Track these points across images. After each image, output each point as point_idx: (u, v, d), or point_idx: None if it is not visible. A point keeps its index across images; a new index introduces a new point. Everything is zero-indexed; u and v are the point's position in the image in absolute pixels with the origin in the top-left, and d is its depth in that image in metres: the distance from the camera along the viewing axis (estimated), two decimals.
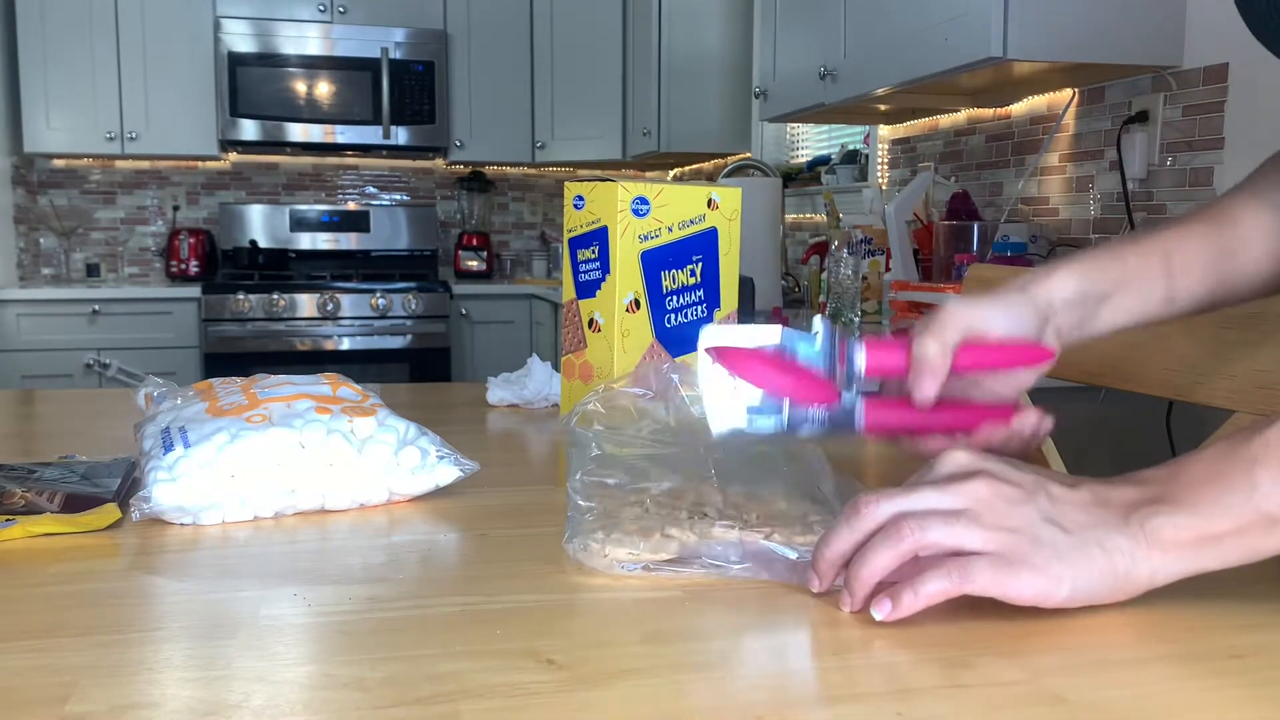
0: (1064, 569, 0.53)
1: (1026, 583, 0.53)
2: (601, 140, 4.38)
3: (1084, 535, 0.54)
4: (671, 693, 0.46)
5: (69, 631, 0.52)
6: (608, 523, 0.63)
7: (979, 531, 0.54)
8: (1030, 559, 0.53)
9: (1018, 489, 0.56)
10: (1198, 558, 0.54)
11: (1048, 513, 0.55)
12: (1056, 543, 0.54)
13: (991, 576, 0.53)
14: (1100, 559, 0.54)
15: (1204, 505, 0.54)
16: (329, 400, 0.79)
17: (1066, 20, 1.88)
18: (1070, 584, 0.53)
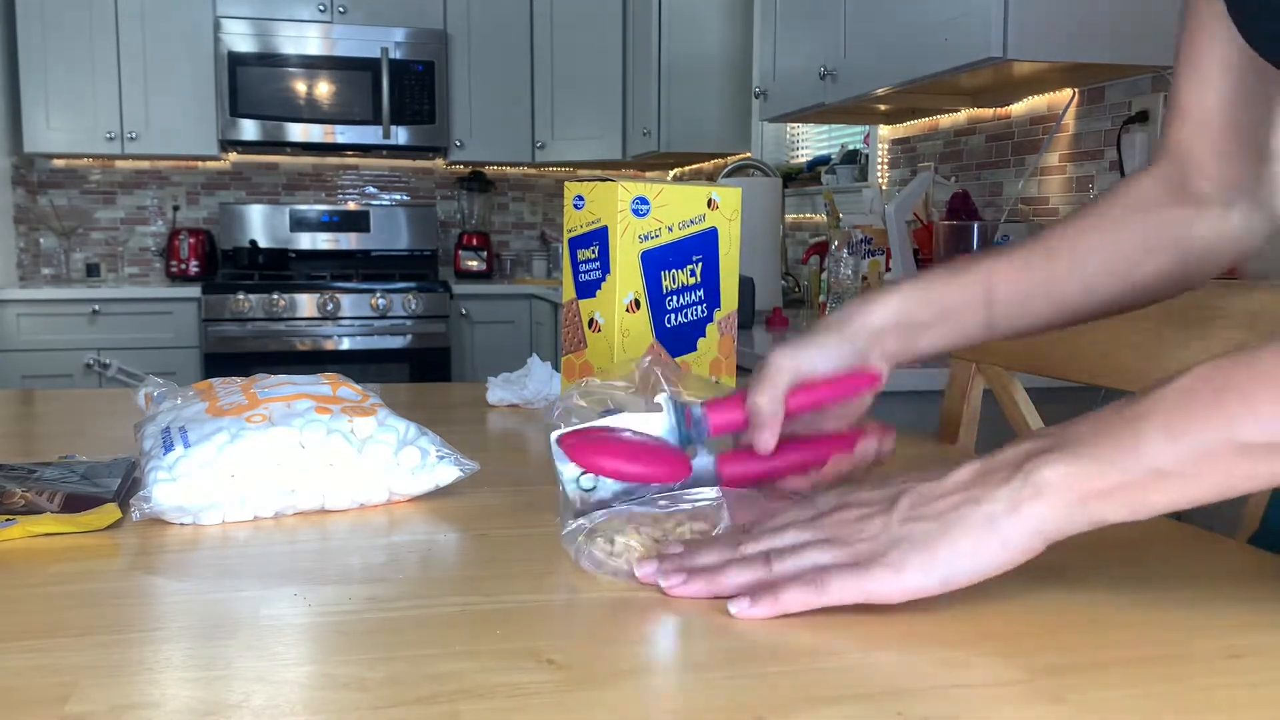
0: (925, 557, 0.53)
1: (884, 580, 0.54)
2: (601, 140, 4.38)
3: (950, 516, 0.54)
4: (671, 693, 0.46)
5: (69, 631, 0.52)
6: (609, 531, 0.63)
7: (832, 550, 0.56)
8: (884, 558, 0.54)
9: (873, 505, 0.58)
10: (1085, 509, 0.52)
11: (906, 513, 0.56)
12: (913, 535, 0.54)
13: (849, 582, 0.54)
14: (974, 532, 0.53)
15: (1091, 457, 0.52)
16: (329, 400, 0.79)
17: (1066, 20, 1.88)
18: (941, 569, 0.53)
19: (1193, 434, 0.51)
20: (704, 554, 0.60)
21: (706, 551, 0.60)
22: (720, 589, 0.57)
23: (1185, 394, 0.51)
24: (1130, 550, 0.69)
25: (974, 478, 0.55)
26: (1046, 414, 1.20)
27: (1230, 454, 0.50)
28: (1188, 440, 0.51)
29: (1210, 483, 0.51)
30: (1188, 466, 0.51)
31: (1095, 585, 0.61)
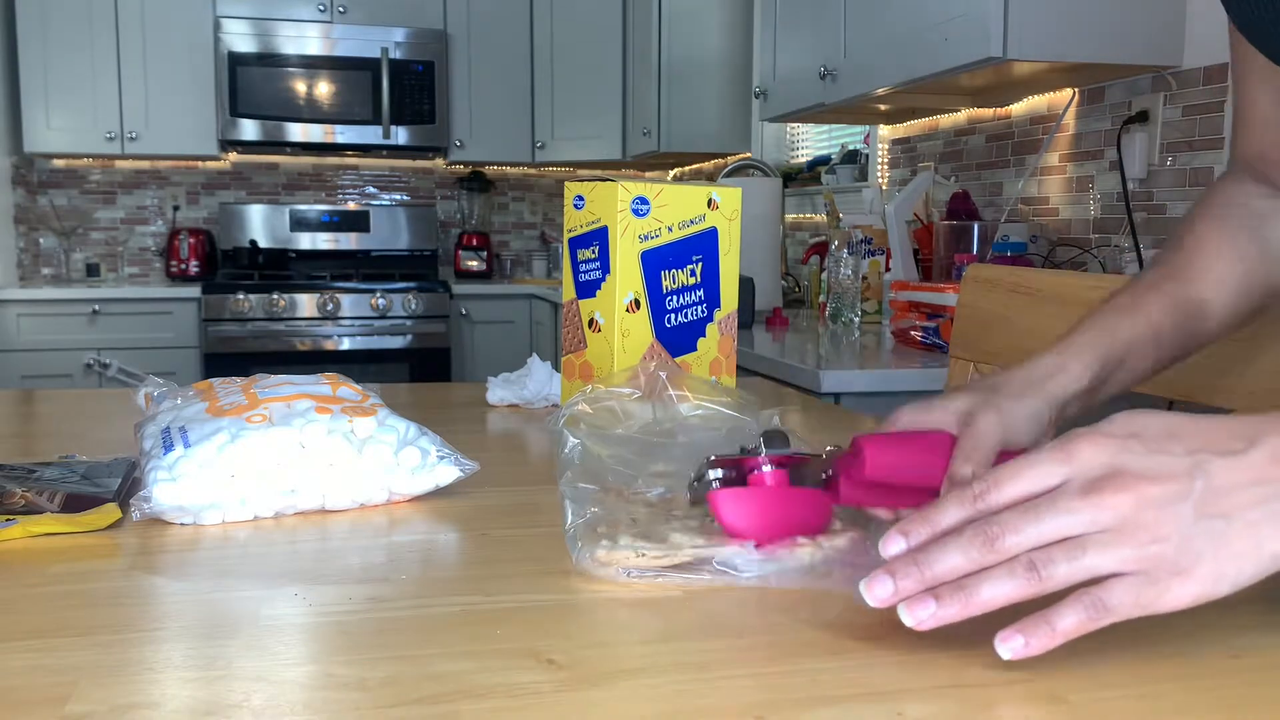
0: (1223, 565, 0.47)
1: (1177, 595, 0.47)
2: (601, 140, 4.38)
3: (1250, 515, 0.47)
4: (671, 693, 0.46)
5: (69, 631, 0.52)
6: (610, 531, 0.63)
7: (1115, 552, 0.47)
8: (1179, 565, 0.47)
9: (1167, 485, 0.48)
10: None
11: (1204, 504, 0.47)
12: (1215, 535, 0.47)
13: (1135, 600, 0.47)
14: (1272, 540, 0.47)
15: None
16: (329, 400, 0.79)
17: (1066, 20, 1.88)
18: (1233, 577, 0.47)
19: None
20: (945, 554, 0.49)
21: (947, 550, 0.49)
22: (977, 608, 0.48)
23: None
24: None
25: (1270, 461, 0.48)
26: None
27: None
28: None
29: None
30: None
31: None
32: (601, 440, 0.75)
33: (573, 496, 0.67)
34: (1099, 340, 0.73)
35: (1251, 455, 0.48)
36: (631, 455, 0.73)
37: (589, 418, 0.74)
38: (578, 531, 0.63)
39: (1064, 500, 0.48)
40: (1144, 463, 0.48)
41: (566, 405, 0.77)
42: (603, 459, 0.72)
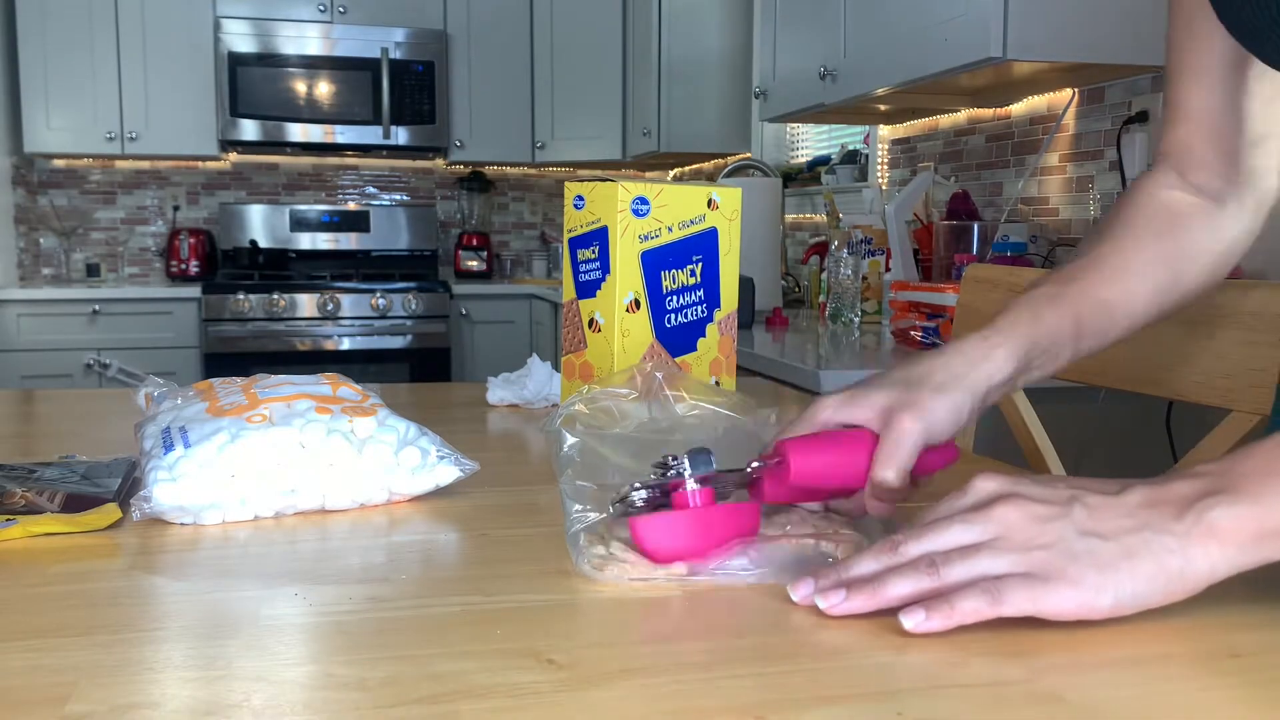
0: (1104, 578, 0.52)
1: (1064, 597, 0.52)
2: (601, 140, 4.38)
3: (1126, 540, 0.53)
4: (671, 693, 0.46)
5: (69, 631, 0.52)
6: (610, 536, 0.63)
7: (1006, 556, 0.53)
8: (1065, 573, 0.52)
9: (1048, 506, 0.54)
10: (1259, 549, 0.52)
11: (1083, 525, 0.53)
12: (1095, 552, 0.52)
13: (1026, 595, 0.52)
14: (1147, 561, 0.52)
15: (1265, 495, 0.52)
16: (329, 400, 0.79)
17: (1066, 20, 1.88)
18: (1113, 592, 0.52)
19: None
20: (860, 563, 0.56)
21: (861, 560, 0.56)
22: (884, 601, 0.54)
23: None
24: None
25: (1145, 504, 0.54)
26: (1044, 413, 1.20)
27: None
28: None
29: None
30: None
31: None
32: (599, 439, 0.75)
33: (573, 494, 0.67)
34: (1025, 329, 0.73)
35: (1125, 496, 0.55)
36: (629, 454, 0.73)
37: (586, 418, 0.74)
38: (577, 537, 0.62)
39: (960, 515, 0.55)
40: (1031, 489, 0.56)
41: (563, 406, 0.77)
42: (603, 455, 0.72)
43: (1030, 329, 0.73)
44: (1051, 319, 0.74)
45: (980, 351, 0.71)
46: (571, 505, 0.66)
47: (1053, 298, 0.76)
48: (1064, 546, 0.53)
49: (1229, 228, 0.81)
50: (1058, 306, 0.75)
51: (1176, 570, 0.52)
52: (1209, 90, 0.78)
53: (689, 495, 0.62)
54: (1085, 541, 0.53)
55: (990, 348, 0.71)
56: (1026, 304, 0.75)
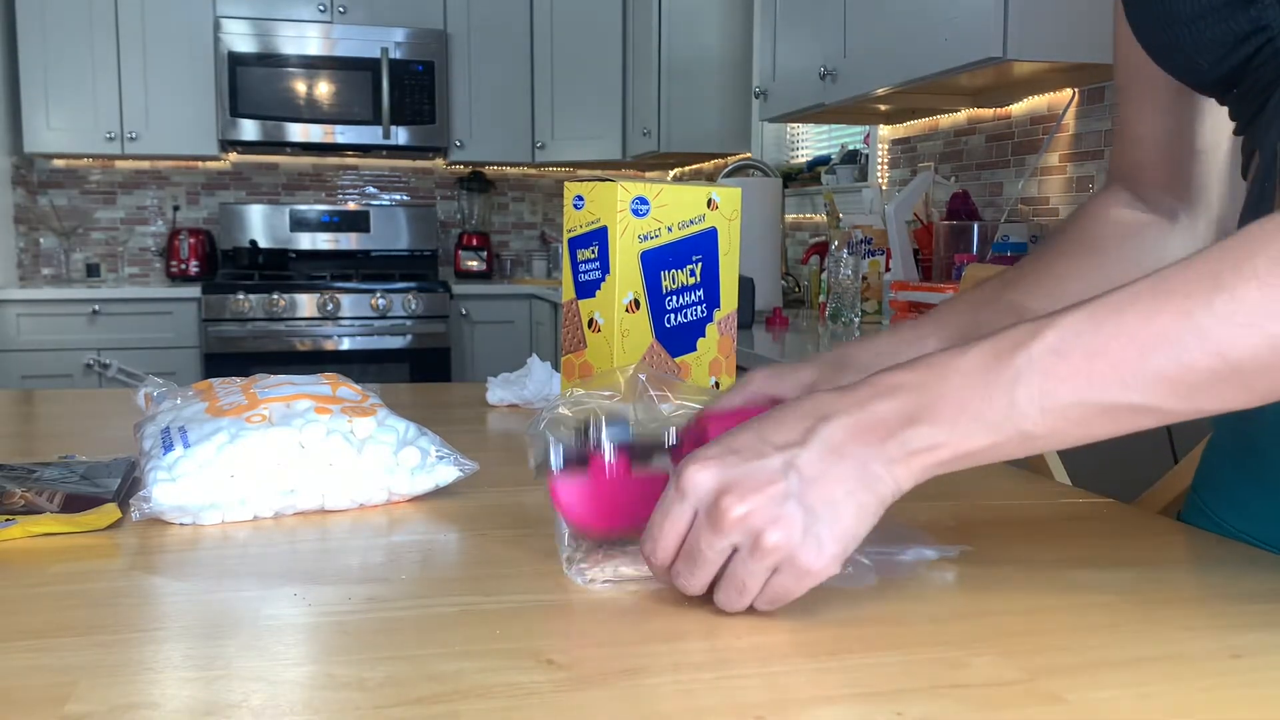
0: (835, 530, 0.52)
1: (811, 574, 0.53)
2: (601, 140, 4.38)
3: (833, 494, 0.53)
4: (671, 693, 0.46)
5: (69, 631, 0.52)
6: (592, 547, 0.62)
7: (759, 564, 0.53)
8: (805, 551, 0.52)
9: (772, 488, 0.53)
10: (946, 467, 0.54)
11: (805, 496, 0.53)
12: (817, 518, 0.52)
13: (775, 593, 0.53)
14: (861, 501, 0.53)
15: (963, 421, 0.53)
16: (329, 400, 0.79)
17: (1066, 20, 1.88)
18: (841, 540, 0.53)
19: (1062, 399, 0.51)
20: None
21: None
22: None
23: (1057, 357, 0.51)
24: (1130, 550, 0.69)
25: (851, 437, 0.53)
26: None
27: (1093, 415, 0.52)
28: (1055, 406, 0.51)
29: (1068, 439, 0.53)
30: (1054, 429, 0.52)
31: (1094, 585, 0.61)
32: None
33: None
34: (957, 322, 0.75)
35: (826, 432, 0.54)
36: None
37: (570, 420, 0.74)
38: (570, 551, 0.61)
39: (705, 539, 0.54)
40: (745, 471, 0.54)
41: (547, 409, 0.77)
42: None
43: (962, 323, 0.75)
44: (986, 316, 0.76)
45: (910, 337, 0.74)
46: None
47: (989, 300, 0.78)
48: (799, 532, 0.52)
49: (1180, 243, 0.82)
50: (994, 307, 0.77)
51: (885, 495, 0.53)
52: (1157, 111, 0.80)
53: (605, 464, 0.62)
54: (810, 515, 0.52)
55: (920, 335, 0.74)
56: (964, 300, 0.78)
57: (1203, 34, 0.67)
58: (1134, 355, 0.50)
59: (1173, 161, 0.81)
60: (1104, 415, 0.51)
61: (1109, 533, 0.73)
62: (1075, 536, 0.71)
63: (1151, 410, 0.51)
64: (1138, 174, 0.83)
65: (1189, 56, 0.70)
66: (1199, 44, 0.68)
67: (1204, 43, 0.68)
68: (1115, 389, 0.51)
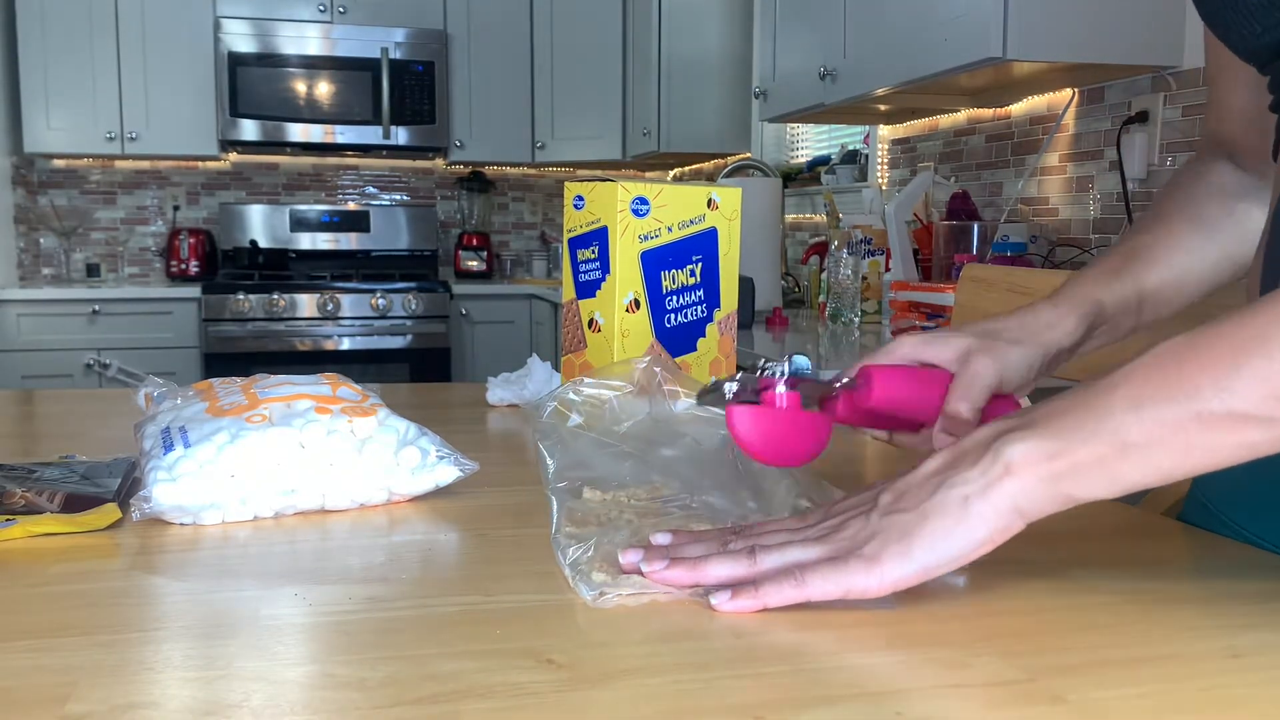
0: (902, 546, 0.53)
1: (861, 573, 0.53)
2: (601, 140, 4.38)
3: (926, 504, 0.54)
4: (671, 693, 0.46)
5: (69, 631, 0.52)
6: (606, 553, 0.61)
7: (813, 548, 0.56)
8: (861, 552, 0.54)
9: (858, 508, 0.58)
10: (1057, 484, 0.52)
11: (886, 507, 0.55)
12: (893, 525, 0.54)
13: (827, 576, 0.54)
14: (950, 515, 0.53)
15: (1060, 430, 0.52)
16: (329, 400, 0.78)
17: (1066, 20, 1.88)
18: (919, 556, 0.53)
19: (1156, 404, 0.51)
20: (689, 546, 0.60)
21: (692, 545, 0.60)
22: (702, 578, 0.56)
23: (1150, 367, 0.52)
24: (1130, 550, 0.69)
25: (947, 463, 0.55)
26: None
27: (1192, 424, 0.50)
28: (1150, 410, 0.51)
29: (1174, 453, 0.51)
30: (1151, 437, 0.51)
31: (1095, 585, 0.61)
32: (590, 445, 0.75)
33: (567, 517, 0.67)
34: (1094, 298, 0.76)
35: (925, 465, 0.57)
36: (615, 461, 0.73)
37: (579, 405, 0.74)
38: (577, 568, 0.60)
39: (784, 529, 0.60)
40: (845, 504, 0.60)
41: (555, 394, 0.77)
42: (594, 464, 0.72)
43: (1096, 301, 0.76)
44: (1117, 291, 0.77)
45: (1053, 317, 0.74)
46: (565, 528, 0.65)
47: (1117, 271, 0.78)
48: (867, 530, 0.55)
49: None
50: (1121, 280, 0.77)
51: (981, 514, 0.53)
52: (1246, 86, 0.80)
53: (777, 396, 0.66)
54: (887, 519, 0.55)
55: (1060, 315, 0.74)
56: (1092, 276, 0.77)
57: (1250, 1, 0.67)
58: (1227, 357, 0.50)
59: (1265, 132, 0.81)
60: (1206, 424, 0.50)
61: (1109, 533, 0.73)
62: (1075, 536, 0.71)
63: (1256, 420, 0.49)
64: (1231, 144, 0.84)
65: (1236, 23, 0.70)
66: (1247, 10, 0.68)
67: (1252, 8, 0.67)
68: (1209, 393, 0.50)
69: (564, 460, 0.75)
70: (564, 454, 0.75)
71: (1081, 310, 0.75)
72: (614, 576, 0.58)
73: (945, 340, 0.71)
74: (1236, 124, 0.83)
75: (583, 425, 0.78)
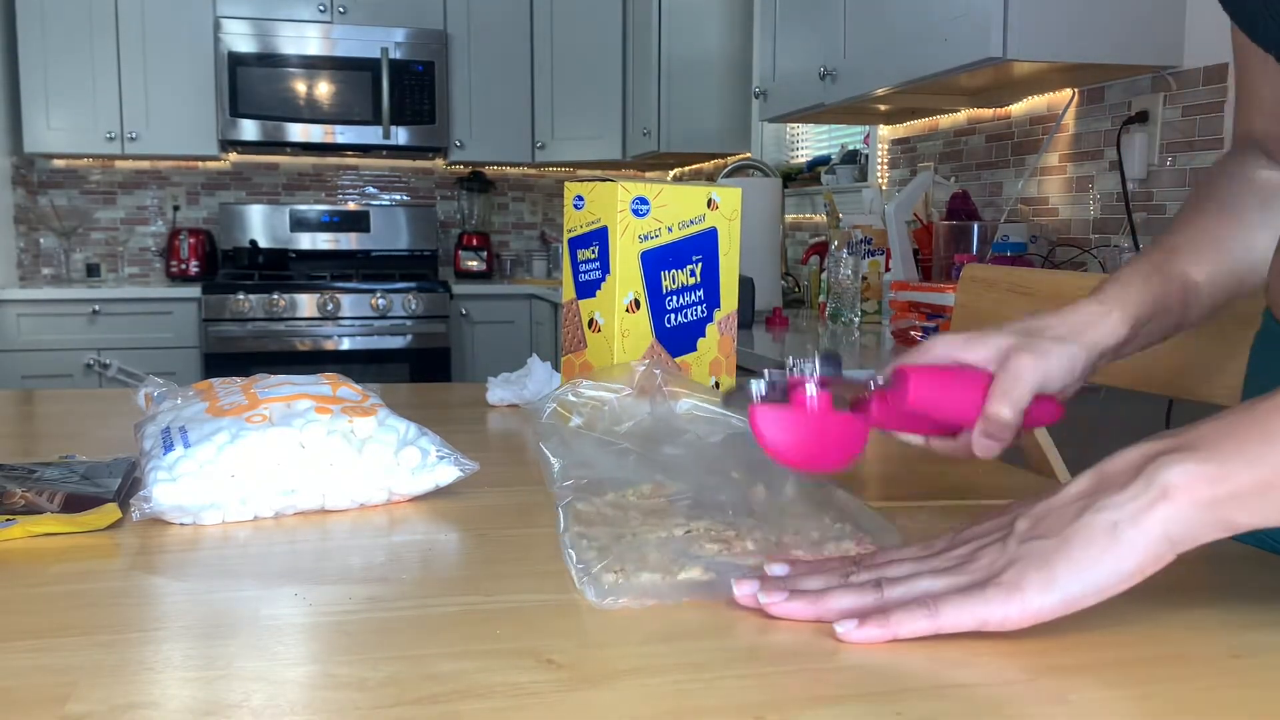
0: (1044, 575, 0.50)
1: (1001, 603, 0.50)
2: (601, 140, 4.38)
3: (1070, 530, 0.50)
4: (671, 693, 0.46)
5: (69, 631, 0.52)
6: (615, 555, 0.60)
7: (944, 579, 0.53)
8: (1002, 580, 0.51)
9: (991, 535, 0.55)
10: (1215, 511, 0.49)
11: (1025, 533, 0.52)
12: (1034, 553, 0.51)
13: (963, 608, 0.51)
14: (1097, 542, 0.49)
15: (1221, 453, 0.49)
16: (329, 400, 0.78)
17: (1066, 20, 1.88)
18: (1063, 585, 0.49)
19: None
20: (809, 579, 0.56)
21: (812, 577, 0.56)
22: (825, 613, 0.53)
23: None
24: None
25: (1092, 486, 0.52)
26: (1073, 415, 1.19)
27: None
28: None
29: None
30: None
31: None
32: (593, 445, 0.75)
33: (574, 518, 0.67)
34: (1139, 295, 0.73)
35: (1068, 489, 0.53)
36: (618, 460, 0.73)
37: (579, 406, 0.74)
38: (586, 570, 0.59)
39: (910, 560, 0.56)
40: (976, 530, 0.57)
41: (554, 395, 0.77)
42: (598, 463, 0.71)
43: (1141, 298, 0.73)
44: (1160, 289, 0.74)
45: (1097, 314, 0.71)
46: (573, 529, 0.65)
47: (1160, 268, 0.75)
48: (1004, 558, 0.52)
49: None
50: (1166, 277, 0.75)
51: (1131, 542, 0.49)
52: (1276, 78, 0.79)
53: (808, 397, 0.62)
54: (1027, 546, 0.51)
55: (1105, 313, 0.71)
56: (1136, 273, 0.75)
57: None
58: None
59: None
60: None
61: None
62: None
63: None
64: (1264, 136, 0.82)
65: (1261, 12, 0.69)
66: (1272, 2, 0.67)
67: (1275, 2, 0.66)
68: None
69: (568, 460, 0.74)
70: (567, 454, 0.75)
71: (1127, 308, 0.72)
72: (625, 579, 0.58)
73: (984, 339, 0.69)
74: (1268, 117, 0.81)
75: (584, 426, 0.78)
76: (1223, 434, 0.50)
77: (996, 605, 0.50)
